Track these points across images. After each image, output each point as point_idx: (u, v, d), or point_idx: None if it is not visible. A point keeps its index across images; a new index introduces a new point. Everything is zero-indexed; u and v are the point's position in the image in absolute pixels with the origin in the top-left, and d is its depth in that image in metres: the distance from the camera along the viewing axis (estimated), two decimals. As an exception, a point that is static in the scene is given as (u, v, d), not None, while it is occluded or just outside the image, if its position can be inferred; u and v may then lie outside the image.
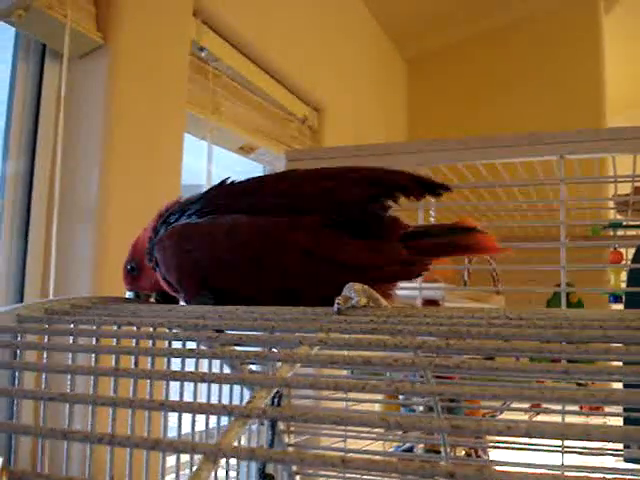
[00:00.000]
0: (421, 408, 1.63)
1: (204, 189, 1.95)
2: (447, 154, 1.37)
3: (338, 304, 0.53)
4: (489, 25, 3.23)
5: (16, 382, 0.60)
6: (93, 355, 0.60)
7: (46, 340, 0.59)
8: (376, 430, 1.22)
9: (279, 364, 0.41)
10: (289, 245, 0.62)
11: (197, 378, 0.39)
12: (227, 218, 0.66)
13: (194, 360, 0.76)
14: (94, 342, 0.54)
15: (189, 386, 0.77)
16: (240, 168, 2.40)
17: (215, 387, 0.84)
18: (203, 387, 0.83)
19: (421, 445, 1.67)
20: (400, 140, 3.21)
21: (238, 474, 0.93)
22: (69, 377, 0.59)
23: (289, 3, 2.20)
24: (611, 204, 2.23)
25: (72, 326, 0.55)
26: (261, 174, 2.36)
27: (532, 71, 3.17)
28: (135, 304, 0.67)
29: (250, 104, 2.01)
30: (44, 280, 1.34)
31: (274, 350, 0.45)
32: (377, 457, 1.38)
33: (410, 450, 1.77)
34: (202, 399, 0.84)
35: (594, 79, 3.09)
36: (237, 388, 1.00)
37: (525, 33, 3.23)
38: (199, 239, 0.67)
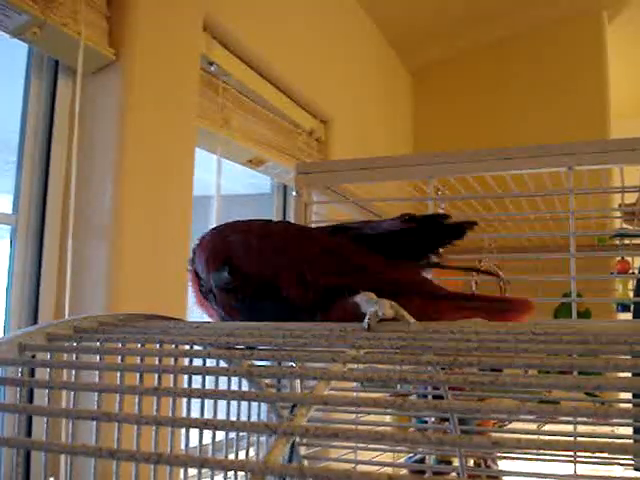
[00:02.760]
0: (432, 419, 1.63)
1: (213, 201, 1.96)
2: (457, 166, 1.38)
3: (369, 319, 0.55)
4: (493, 36, 3.25)
5: (46, 400, 0.60)
6: (118, 373, 0.61)
7: (74, 358, 0.60)
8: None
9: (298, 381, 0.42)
10: (313, 242, 0.72)
11: (237, 397, 0.39)
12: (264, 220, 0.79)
13: (209, 377, 0.76)
14: (139, 360, 0.55)
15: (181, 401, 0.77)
16: (247, 181, 2.41)
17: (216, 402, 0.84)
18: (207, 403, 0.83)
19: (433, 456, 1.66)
20: (405, 152, 3.22)
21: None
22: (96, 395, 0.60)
23: (296, 18, 2.22)
24: (617, 213, 2.24)
25: (100, 344, 0.56)
26: (269, 185, 2.37)
27: (537, 81, 3.18)
28: (162, 321, 0.68)
29: (259, 117, 2.02)
30: (59, 295, 1.35)
31: (308, 366, 0.46)
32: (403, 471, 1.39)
33: (422, 461, 1.77)
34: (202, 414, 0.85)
35: (599, 87, 3.10)
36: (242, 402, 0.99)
37: (530, 43, 3.24)
38: (236, 228, 0.77)
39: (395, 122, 3.26)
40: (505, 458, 1.39)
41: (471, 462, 1.93)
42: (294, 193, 1.40)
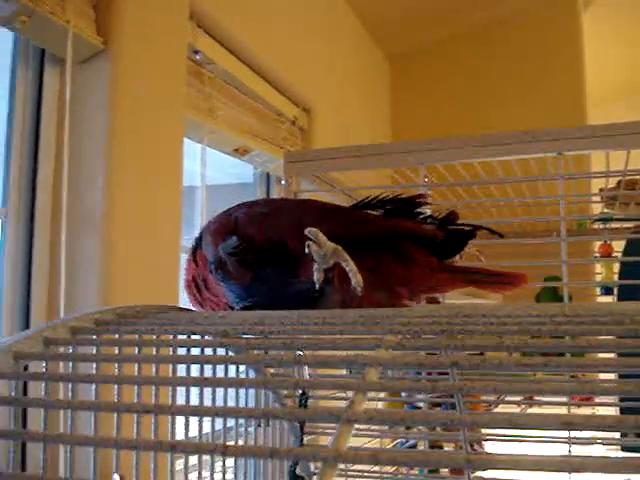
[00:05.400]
0: (423, 405, 1.64)
1: (198, 191, 1.95)
2: (447, 153, 1.39)
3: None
4: (470, 23, 3.25)
5: (69, 394, 0.59)
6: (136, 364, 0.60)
7: (94, 351, 0.59)
8: (377, 427, 1.23)
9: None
10: (313, 202, 0.78)
11: (291, 385, 0.39)
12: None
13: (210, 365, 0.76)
14: (159, 351, 0.54)
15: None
16: (229, 170, 2.40)
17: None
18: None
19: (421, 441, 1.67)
20: (384, 140, 3.22)
21: (236, 477, 0.91)
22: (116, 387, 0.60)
23: (279, 6, 2.21)
24: (599, 198, 2.27)
25: (137, 336, 0.55)
26: (252, 175, 2.35)
27: (515, 68, 3.19)
28: (183, 312, 0.67)
29: (243, 106, 2.00)
30: (51, 288, 1.33)
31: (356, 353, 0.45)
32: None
33: (414, 447, 1.78)
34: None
35: (575, 73, 3.12)
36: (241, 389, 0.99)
37: (507, 31, 3.25)
38: (241, 206, 0.80)
39: (374, 109, 3.26)
40: (493, 440, 1.40)
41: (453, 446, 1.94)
42: (283, 182, 1.39)
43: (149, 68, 1.49)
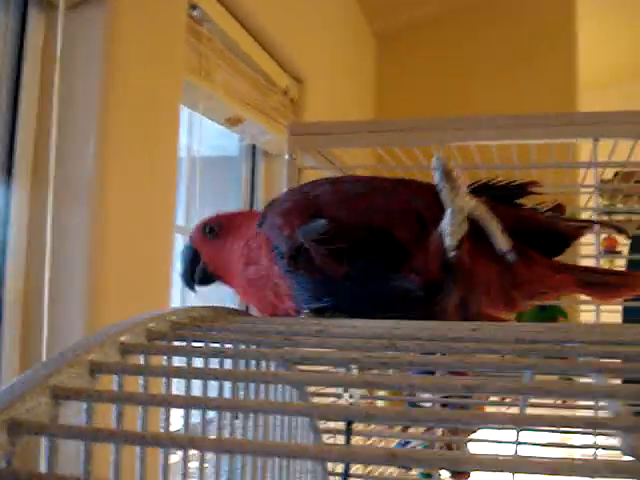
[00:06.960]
0: (428, 404, 1.52)
1: (183, 163, 1.78)
2: (471, 133, 1.31)
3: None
4: (460, 3, 3.12)
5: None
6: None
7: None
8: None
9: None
10: (419, 184, 0.63)
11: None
12: None
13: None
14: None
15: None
16: (213, 142, 2.23)
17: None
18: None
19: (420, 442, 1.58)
20: (368, 117, 3.07)
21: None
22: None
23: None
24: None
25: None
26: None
27: (505, 50, 3.08)
28: (247, 317, 0.52)
29: (239, 72, 1.83)
30: (30, 260, 1.16)
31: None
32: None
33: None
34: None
35: (568, 55, 3.03)
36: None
37: (498, 11, 3.13)
38: (319, 183, 0.66)
39: (361, 86, 3.11)
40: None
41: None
42: (286, 156, 1.26)
43: (147, 19, 1.32)
